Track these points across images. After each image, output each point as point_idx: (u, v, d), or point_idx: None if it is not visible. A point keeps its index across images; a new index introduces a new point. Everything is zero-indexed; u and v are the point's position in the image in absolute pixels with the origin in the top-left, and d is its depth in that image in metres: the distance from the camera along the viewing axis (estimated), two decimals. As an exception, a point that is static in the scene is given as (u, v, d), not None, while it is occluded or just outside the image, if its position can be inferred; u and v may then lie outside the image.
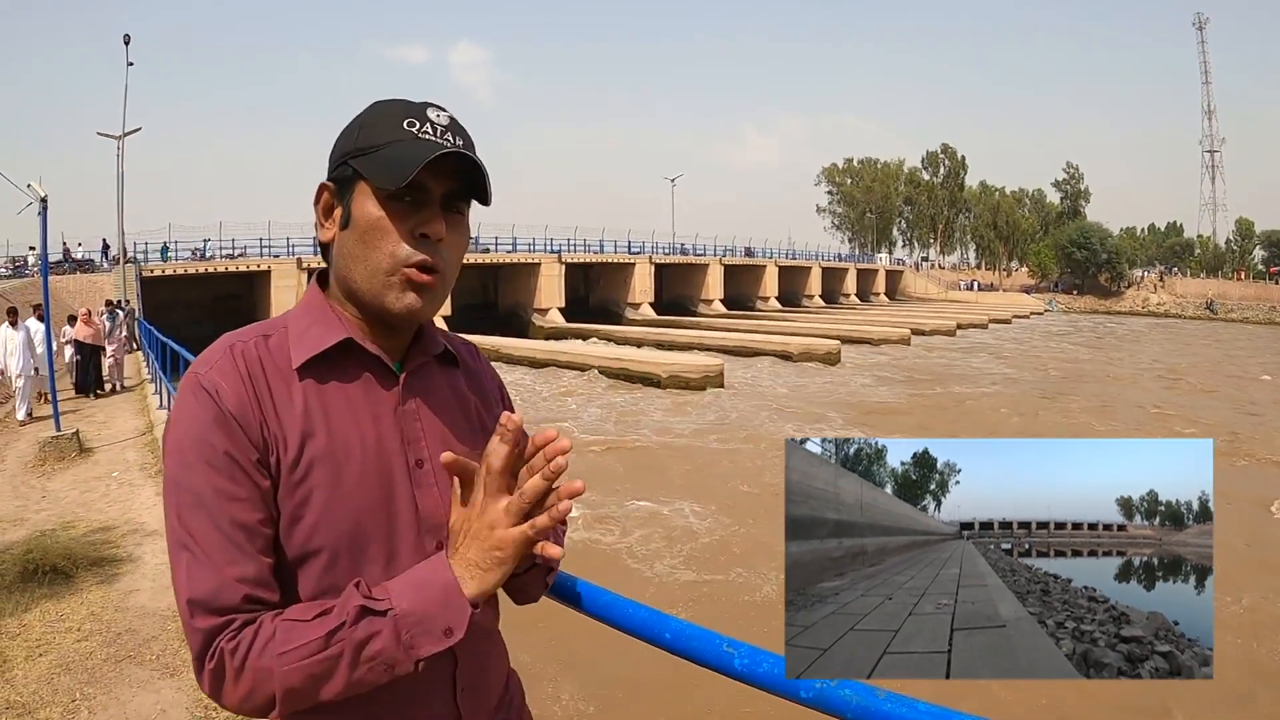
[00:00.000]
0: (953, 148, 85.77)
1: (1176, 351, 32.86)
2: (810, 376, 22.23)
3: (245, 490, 0.84)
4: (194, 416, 0.86)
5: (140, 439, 9.27)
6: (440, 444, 0.96)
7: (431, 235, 0.91)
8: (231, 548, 0.82)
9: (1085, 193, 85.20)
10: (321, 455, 0.88)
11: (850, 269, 63.40)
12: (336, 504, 0.88)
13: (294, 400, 0.90)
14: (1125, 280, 69.46)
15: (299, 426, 0.88)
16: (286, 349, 0.93)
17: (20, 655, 3.80)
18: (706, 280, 46.99)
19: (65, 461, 8.07)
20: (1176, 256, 79.88)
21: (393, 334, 0.98)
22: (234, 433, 0.85)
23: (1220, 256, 76.72)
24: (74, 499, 6.74)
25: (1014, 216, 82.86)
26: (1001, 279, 78.40)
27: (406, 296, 0.91)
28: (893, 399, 18.63)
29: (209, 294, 29.95)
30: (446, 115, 0.94)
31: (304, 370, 0.92)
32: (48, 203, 8.08)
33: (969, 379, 22.71)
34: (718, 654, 0.97)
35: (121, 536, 5.55)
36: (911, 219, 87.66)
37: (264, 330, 0.96)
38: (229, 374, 0.88)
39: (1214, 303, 61.34)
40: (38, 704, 3.36)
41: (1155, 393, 20.96)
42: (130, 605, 4.38)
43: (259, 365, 0.90)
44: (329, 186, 0.96)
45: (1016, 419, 16.79)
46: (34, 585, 4.61)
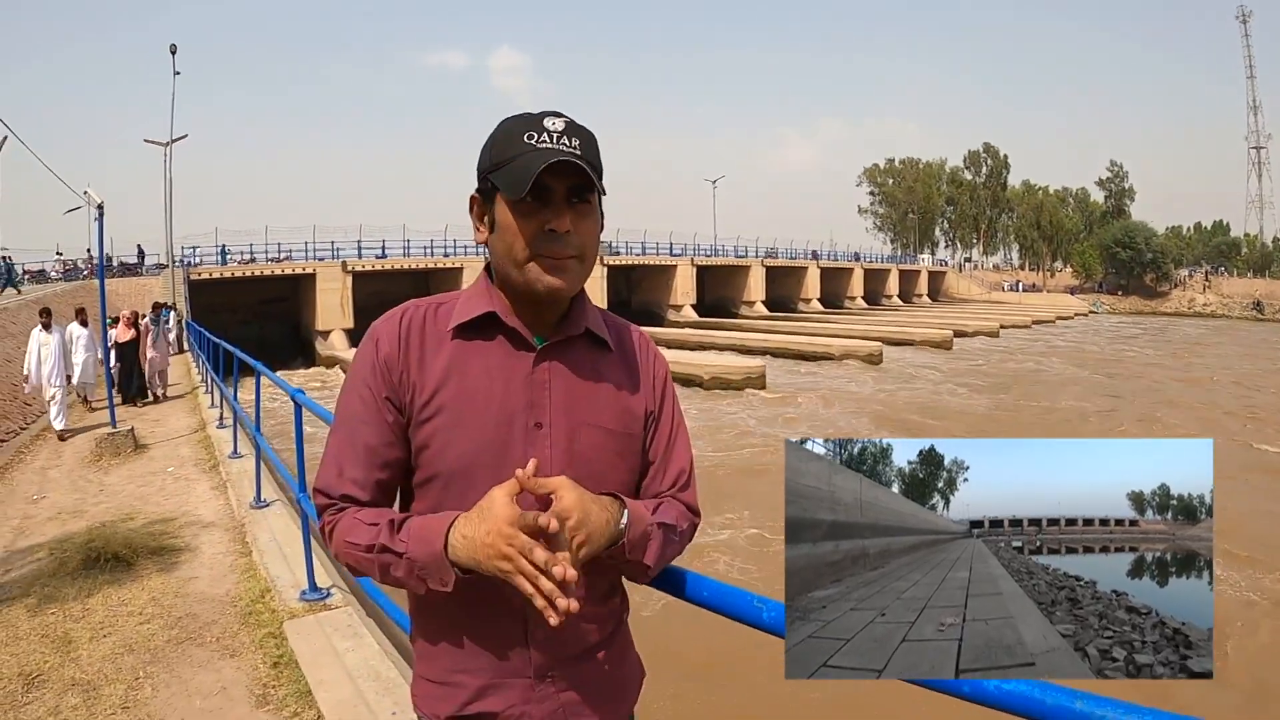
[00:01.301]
0: (995, 147, 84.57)
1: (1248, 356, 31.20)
2: (854, 377, 22.04)
3: (373, 418, 1.11)
4: (362, 356, 1.15)
5: (193, 435, 9.52)
6: (564, 411, 1.13)
7: (557, 229, 1.07)
8: (350, 456, 1.12)
9: (1129, 191, 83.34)
10: (448, 402, 1.10)
11: (892, 270, 62.69)
12: (453, 442, 1.09)
13: (440, 357, 1.12)
14: (1171, 280, 67.61)
15: (436, 377, 1.11)
16: (450, 316, 1.15)
17: (85, 636, 3.93)
18: (748, 282, 46.81)
19: (121, 457, 8.31)
20: (1222, 256, 77.44)
21: (538, 312, 1.15)
22: (379, 375, 1.12)
23: (1268, 256, 74.25)
24: (131, 492, 6.95)
25: (1057, 216, 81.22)
26: (1045, 280, 76.76)
27: (545, 278, 1.09)
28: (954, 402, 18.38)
29: (255, 296, 30.62)
30: (563, 121, 1.09)
31: (455, 333, 1.14)
32: (104, 209, 8.33)
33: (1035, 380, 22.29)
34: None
35: (180, 528, 5.71)
36: (954, 219, 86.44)
37: (441, 300, 1.19)
38: (391, 331, 1.14)
39: (1262, 303, 59.38)
40: (102, 681, 3.47)
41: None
42: (190, 591, 4.51)
43: (420, 327, 1.15)
44: (476, 199, 1.16)
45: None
46: (96, 572, 4.76)
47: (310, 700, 3.21)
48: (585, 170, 1.05)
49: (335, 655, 3.56)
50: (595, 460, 1.13)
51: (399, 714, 3.05)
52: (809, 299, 51.23)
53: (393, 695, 3.20)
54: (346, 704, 3.12)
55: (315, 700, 3.19)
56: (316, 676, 3.36)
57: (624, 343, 1.23)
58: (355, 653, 3.58)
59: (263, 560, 4.90)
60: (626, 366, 1.21)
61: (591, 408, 1.15)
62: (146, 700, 3.31)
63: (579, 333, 1.16)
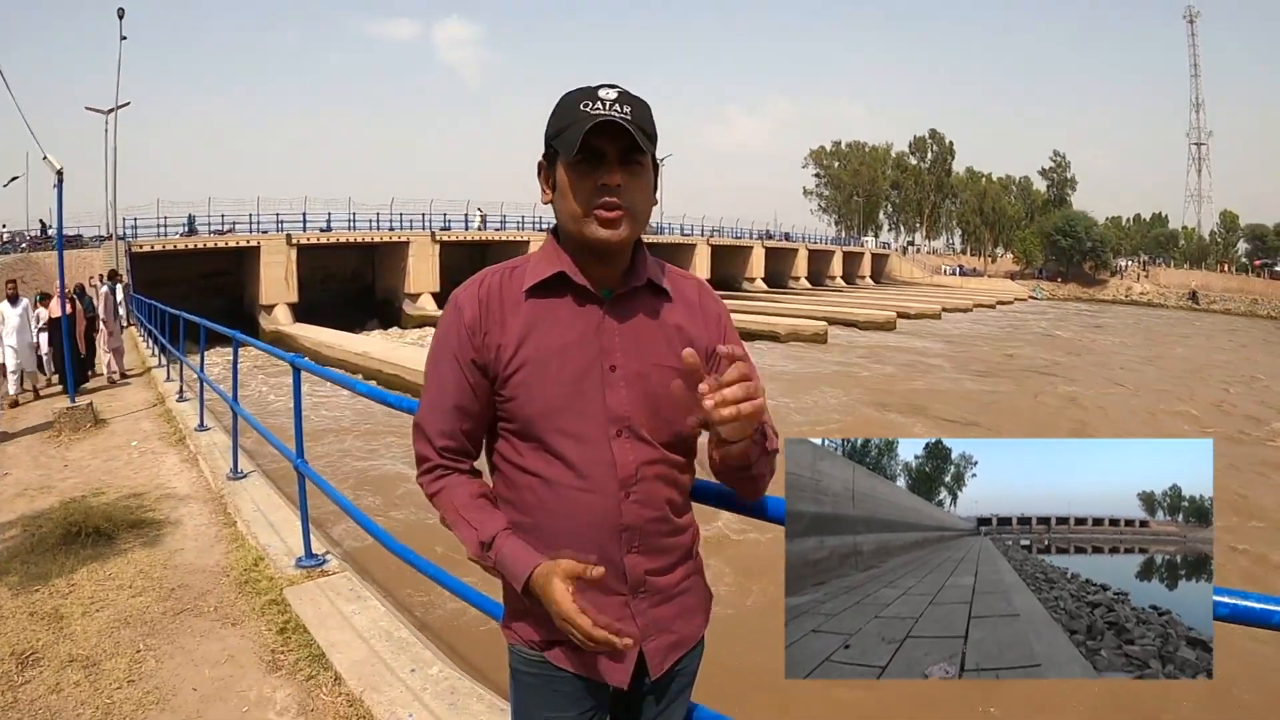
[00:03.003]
0: (940, 133, 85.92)
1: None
2: (800, 356, 22.43)
3: (458, 379, 1.26)
4: (447, 321, 1.28)
5: (151, 410, 9.32)
6: (635, 355, 1.25)
7: (609, 184, 1.18)
8: (440, 413, 1.29)
9: (1072, 181, 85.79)
10: (530, 358, 1.22)
11: (837, 252, 63.56)
12: (538, 392, 1.22)
13: (519, 317, 1.24)
14: (1109, 269, 70.13)
15: (517, 335, 1.23)
16: (523, 278, 1.27)
17: (76, 612, 3.86)
18: (694, 261, 46.96)
19: (81, 432, 8.11)
20: (1161, 247, 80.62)
21: (603, 266, 1.26)
22: (464, 339, 1.25)
23: (1204, 248, 77.55)
24: (97, 467, 6.80)
25: (1000, 203, 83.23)
26: (987, 265, 78.87)
27: (599, 229, 1.20)
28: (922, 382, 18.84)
29: (198, 270, 29.57)
30: (616, 91, 1.19)
31: (529, 293, 1.25)
32: (63, 175, 8.06)
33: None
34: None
35: (155, 501, 5.63)
36: (898, 203, 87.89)
37: (514, 265, 1.31)
38: (471, 297, 1.27)
39: (1197, 293, 62.10)
40: (101, 656, 3.42)
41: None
42: (179, 563, 4.48)
43: (498, 292, 1.27)
44: (542, 164, 1.27)
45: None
46: (77, 547, 4.68)
47: (324, 662, 3.27)
48: (634, 134, 1.15)
49: (343, 618, 3.61)
50: (666, 397, 1.23)
51: (418, 670, 3.13)
52: (754, 278, 51.77)
53: (408, 653, 3.27)
54: (364, 663, 3.20)
55: (330, 662, 3.25)
56: (328, 639, 3.41)
57: (683, 291, 1.35)
58: (363, 615, 3.64)
59: (249, 530, 4.89)
60: (688, 310, 1.33)
61: (659, 350, 1.26)
62: (152, 673, 3.29)
63: (641, 284, 1.28)
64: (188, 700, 3.09)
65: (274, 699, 3.08)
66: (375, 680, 3.09)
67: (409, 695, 2.98)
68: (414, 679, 3.08)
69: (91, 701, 3.07)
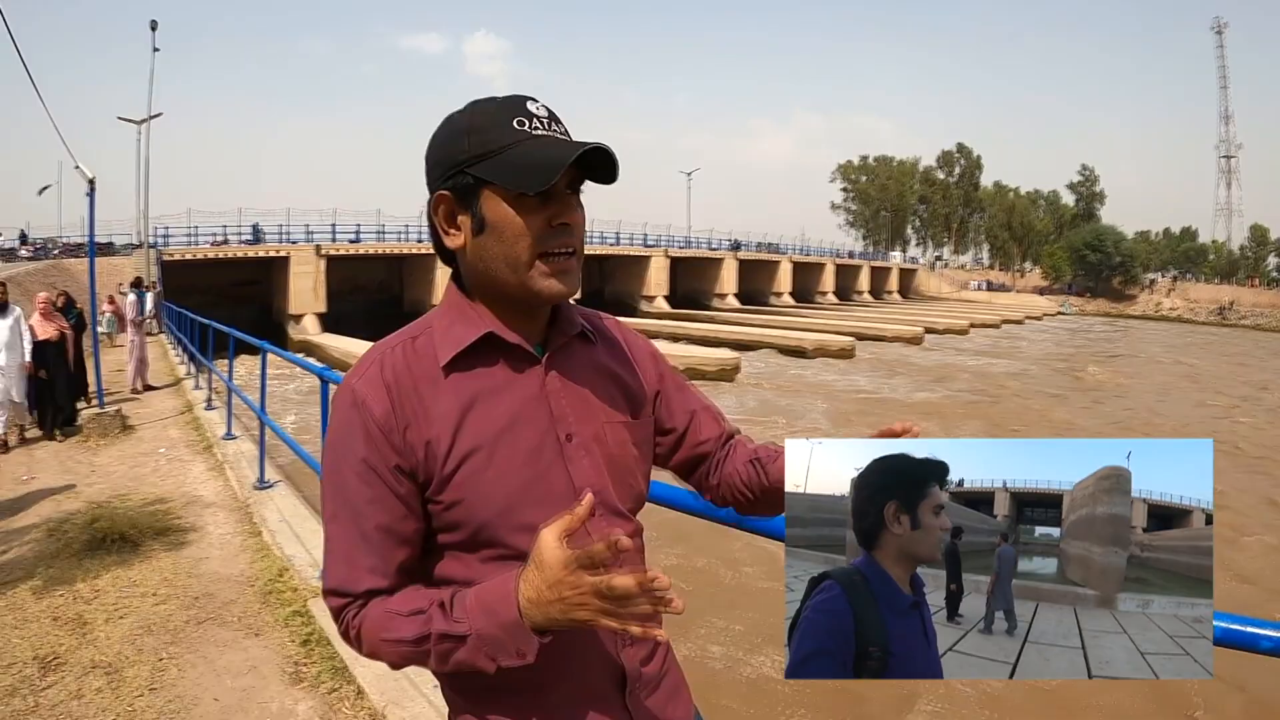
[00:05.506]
0: (968, 147, 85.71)
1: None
2: (825, 370, 22.26)
3: (380, 494, 0.95)
4: (345, 423, 0.97)
5: (180, 417, 9.39)
6: (587, 417, 1.04)
7: (570, 223, 0.97)
8: (361, 544, 0.95)
9: (1100, 195, 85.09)
10: (473, 446, 0.96)
11: (864, 266, 63.48)
12: (488, 487, 0.96)
13: (442, 399, 0.97)
14: (1138, 284, 69.21)
15: (449, 423, 0.96)
16: (433, 349, 1.00)
17: (100, 618, 3.87)
18: (721, 274, 47.12)
19: (109, 438, 8.16)
20: (1190, 262, 79.47)
21: (530, 320, 1.04)
22: (376, 442, 0.95)
23: (1234, 263, 76.34)
24: (124, 473, 6.84)
25: (1028, 217, 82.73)
26: (1015, 280, 78.10)
27: (550, 282, 0.97)
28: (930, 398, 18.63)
29: (227, 279, 30.12)
30: (544, 106, 0.98)
31: (450, 367, 0.99)
32: (95, 184, 8.18)
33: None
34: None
35: (181, 509, 5.64)
36: (926, 218, 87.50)
37: (411, 333, 1.03)
38: (375, 386, 0.97)
39: (1225, 309, 61.05)
40: (124, 663, 3.41)
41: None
42: (203, 571, 4.47)
43: (406, 372, 0.98)
44: (446, 197, 0.98)
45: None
46: (102, 553, 4.69)
47: (347, 676, 3.22)
48: (584, 160, 0.94)
49: (366, 633, 3.54)
50: (623, 455, 1.08)
51: (440, 686, 3.06)
52: (780, 293, 51.76)
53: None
54: (387, 677, 3.14)
55: (353, 675, 3.20)
56: (351, 652, 3.35)
57: (604, 333, 1.16)
58: (387, 630, 3.57)
59: (274, 540, 4.87)
60: (617, 356, 1.15)
61: (605, 404, 1.08)
62: (174, 681, 3.27)
63: (575, 333, 1.08)
64: (209, 710, 3.06)
65: (296, 711, 3.05)
66: (398, 695, 3.03)
67: (432, 711, 2.93)
68: (437, 695, 3.01)
69: (113, 708, 3.05)
